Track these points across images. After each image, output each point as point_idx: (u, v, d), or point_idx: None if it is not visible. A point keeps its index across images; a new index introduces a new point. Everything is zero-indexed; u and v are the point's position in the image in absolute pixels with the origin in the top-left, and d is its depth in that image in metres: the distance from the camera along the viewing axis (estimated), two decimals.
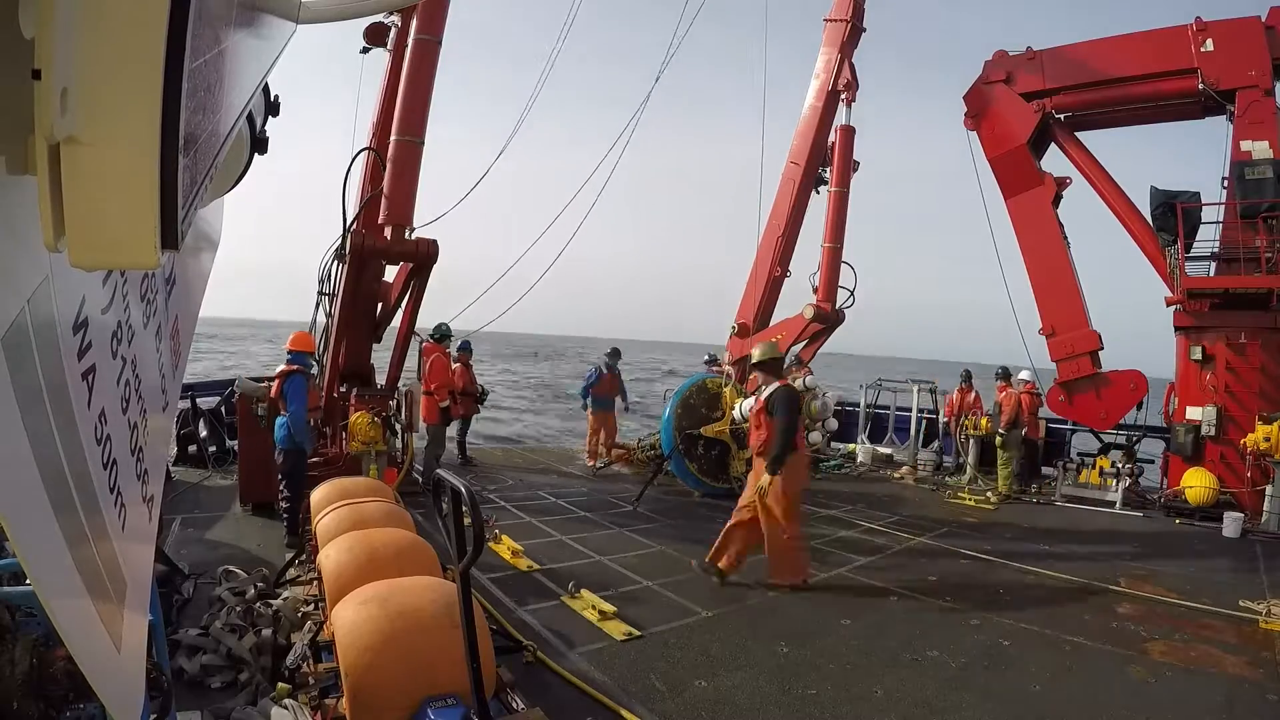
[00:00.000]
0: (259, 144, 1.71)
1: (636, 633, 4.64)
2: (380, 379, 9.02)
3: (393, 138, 7.95)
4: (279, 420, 6.60)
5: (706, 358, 12.87)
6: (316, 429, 8.30)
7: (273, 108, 1.77)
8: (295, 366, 6.67)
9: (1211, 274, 10.71)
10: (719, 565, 5.85)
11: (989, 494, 10.59)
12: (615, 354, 12.35)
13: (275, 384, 6.68)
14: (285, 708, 2.99)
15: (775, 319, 12.93)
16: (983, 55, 13.25)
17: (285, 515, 6.48)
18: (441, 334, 10.15)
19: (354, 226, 7.98)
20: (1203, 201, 10.85)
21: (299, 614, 4.13)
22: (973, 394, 12.48)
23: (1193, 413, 10.32)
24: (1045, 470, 12.11)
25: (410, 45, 8.12)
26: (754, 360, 6.20)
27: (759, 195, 11.79)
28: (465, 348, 11.07)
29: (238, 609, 4.25)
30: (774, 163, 13.40)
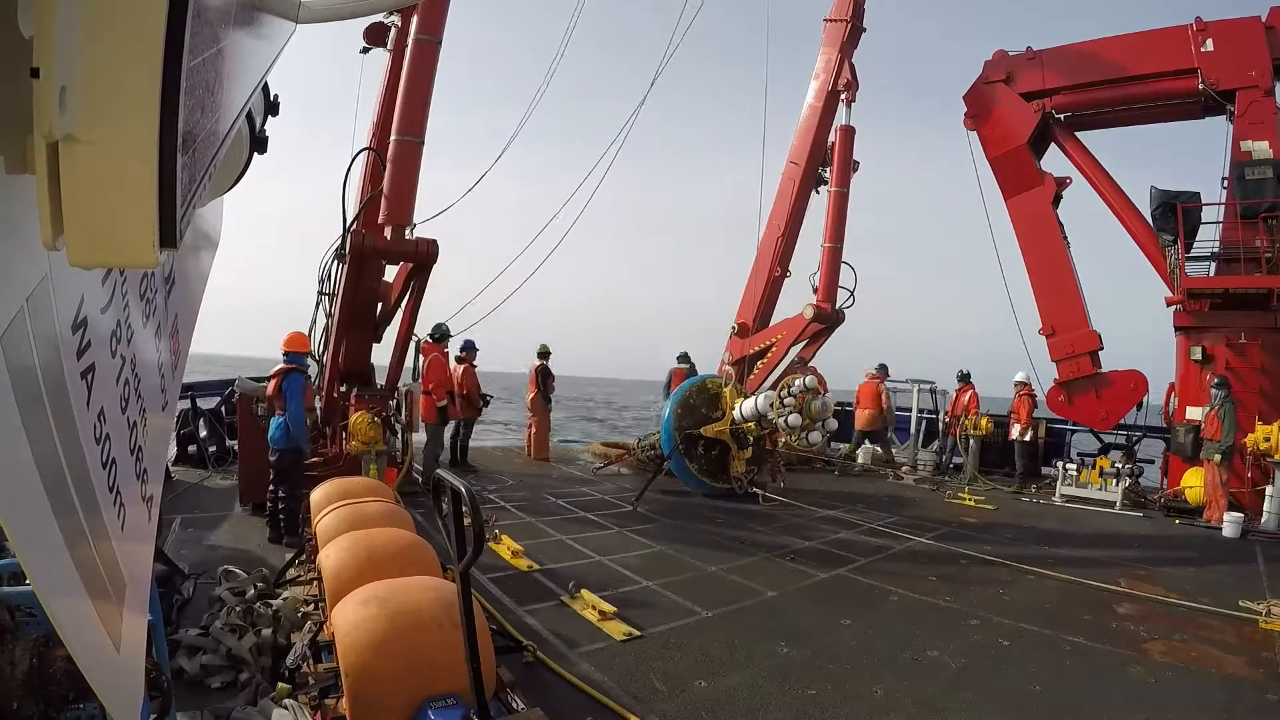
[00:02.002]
0: (258, 143, 1.71)
1: (636, 633, 4.64)
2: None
3: (393, 137, 7.96)
4: (274, 420, 6.59)
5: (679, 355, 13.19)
6: (316, 428, 8.30)
7: (272, 107, 1.77)
8: (293, 366, 6.69)
9: (1211, 274, 10.72)
10: None
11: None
12: (546, 353, 12.32)
13: (273, 382, 6.68)
14: (285, 708, 2.99)
15: (775, 319, 12.96)
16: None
17: (281, 515, 6.45)
18: (440, 334, 10.13)
19: (354, 226, 7.99)
20: (1203, 201, 10.86)
21: (299, 614, 4.13)
22: (968, 394, 12.48)
23: (1193, 413, 10.32)
24: (1045, 470, 12.12)
25: (410, 45, 8.14)
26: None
27: (759, 197, 11.81)
28: (468, 347, 10.97)
29: (238, 609, 4.25)
30: (772, 170, 13.42)
